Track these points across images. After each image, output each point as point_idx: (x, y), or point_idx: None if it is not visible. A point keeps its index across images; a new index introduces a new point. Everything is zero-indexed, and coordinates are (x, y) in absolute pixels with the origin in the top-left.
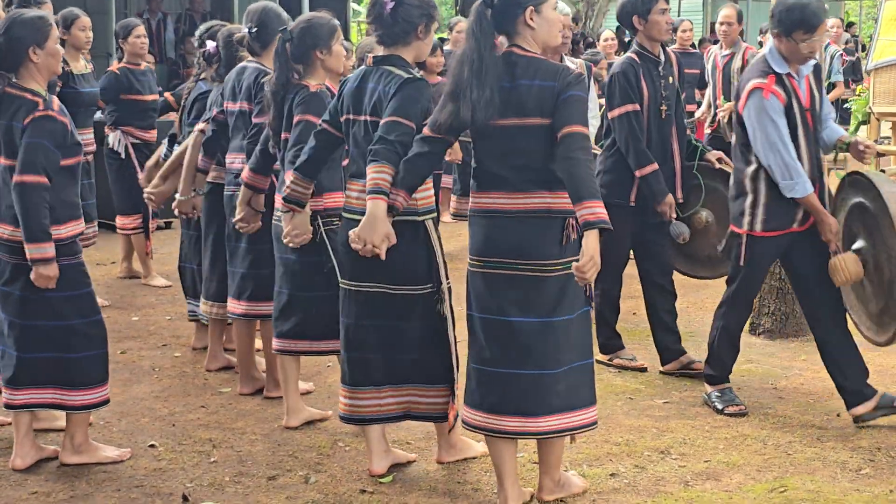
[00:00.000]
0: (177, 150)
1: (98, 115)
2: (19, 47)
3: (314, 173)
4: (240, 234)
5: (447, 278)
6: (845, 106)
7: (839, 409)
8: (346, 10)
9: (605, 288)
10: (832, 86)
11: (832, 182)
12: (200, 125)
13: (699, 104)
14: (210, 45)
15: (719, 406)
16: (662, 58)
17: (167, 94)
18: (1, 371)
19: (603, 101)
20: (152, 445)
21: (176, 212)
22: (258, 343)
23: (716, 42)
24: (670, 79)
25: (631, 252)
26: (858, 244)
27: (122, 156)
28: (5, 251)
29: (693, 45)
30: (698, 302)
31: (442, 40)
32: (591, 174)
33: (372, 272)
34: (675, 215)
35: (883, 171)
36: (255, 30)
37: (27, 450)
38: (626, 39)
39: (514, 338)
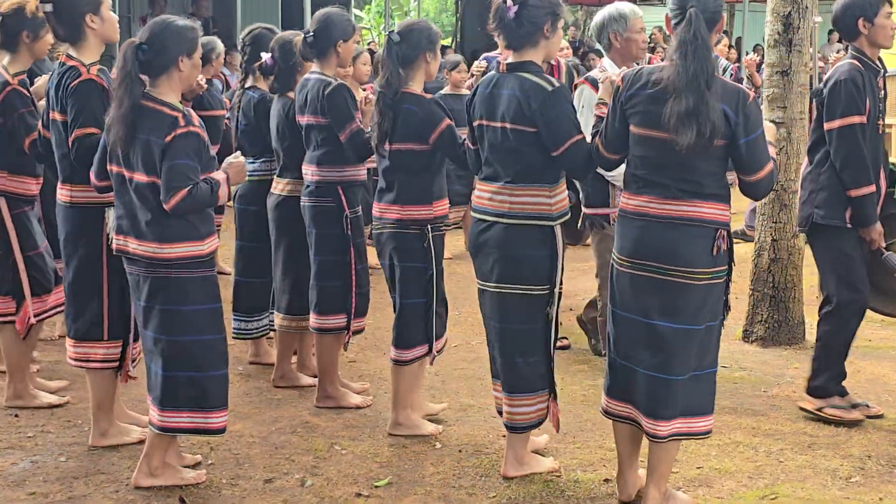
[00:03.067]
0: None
1: None
2: (170, 54)
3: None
4: (309, 244)
5: (561, 283)
6: None
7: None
8: None
9: (838, 323)
10: None
11: None
12: None
13: None
14: (265, 56)
15: None
16: (881, 67)
17: None
18: (150, 391)
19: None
20: None
21: None
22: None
23: None
24: (882, 91)
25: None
26: None
27: None
28: (143, 266)
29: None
30: None
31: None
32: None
33: (494, 271)
34: (884, 244)
35: None
36: (311, 36)
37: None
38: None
39: (653, 340)
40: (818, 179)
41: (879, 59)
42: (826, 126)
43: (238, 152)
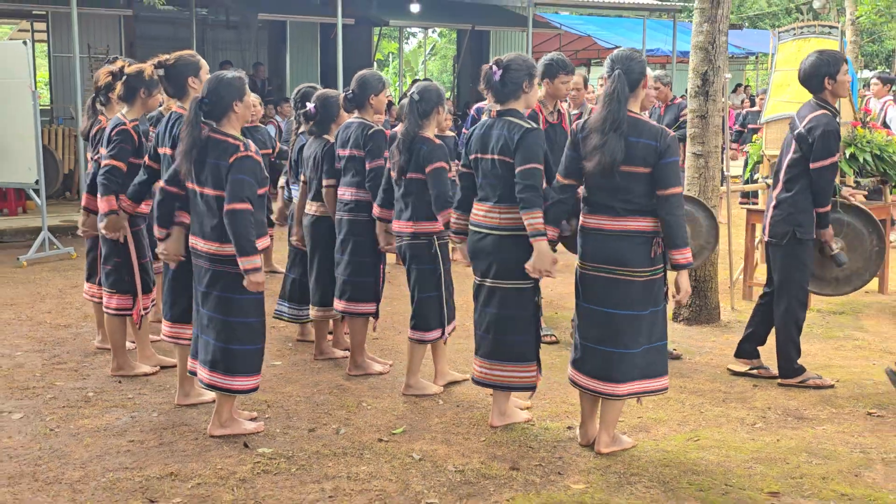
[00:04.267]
0: (296, 199)
1: None
2: (226, 102)
3: (469, 207)
4: (345, 248)
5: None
6: (743, 147)
7: (738, 378)
8: None
9: (796, 316)
10: None
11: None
12: (303, 178)
13: None
14: (310, 106)
15: None
16: (838, 112)
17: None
18: (197, 356)
19: None
20: None
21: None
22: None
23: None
24: None
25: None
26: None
27: None
28: (207, 260)
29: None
30: None
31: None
32: (684, 225)
33: (491, 270)
34: (834, 243)
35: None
36: (351, 94)
37: (225, 419)
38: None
39: (609, 324)
40: (798, 204)
41: (835, 107)
42: (815, 165)
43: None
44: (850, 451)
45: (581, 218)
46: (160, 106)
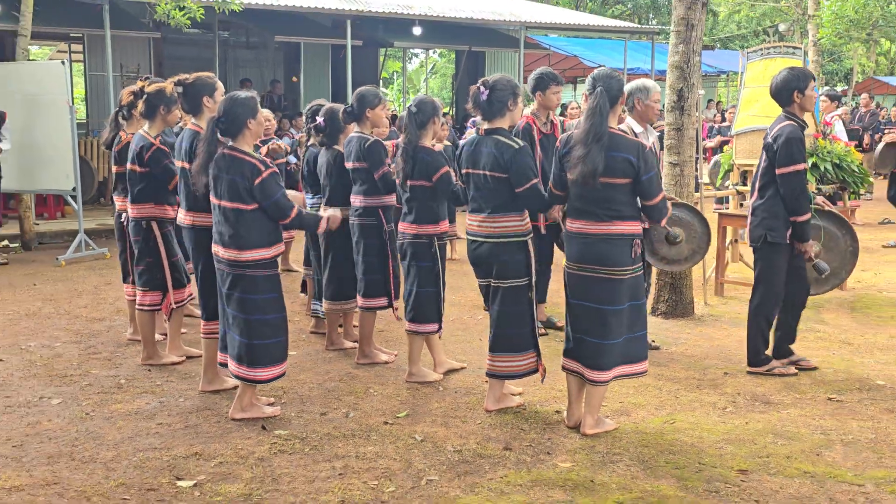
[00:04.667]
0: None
1: None
2: (241, 120)
3: None
4: (358, 250)
5: (535, 275)
6: (714, 159)
7: (710, 367)
8: None
9: (766, 312)
10: None
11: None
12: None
13: None
14: (319, 119)
15: None
16: (806, 125)
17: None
18: (227, 350)
19: None
20: None
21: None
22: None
23: None
24: None
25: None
26: None
27: None
28: (226, 265)
29: None
30: None
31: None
32: (668, 213)
33: (491, 271)
34: (814, 254)
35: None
36: (350, 108)
37: (245, 403)
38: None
39: (595, 318)
40: (770, 210)
41: (803, 119)
42: (780, 171)
43: (337, 209)
44: (812, 432)
45: (566, 223)
46: (179, 121)
